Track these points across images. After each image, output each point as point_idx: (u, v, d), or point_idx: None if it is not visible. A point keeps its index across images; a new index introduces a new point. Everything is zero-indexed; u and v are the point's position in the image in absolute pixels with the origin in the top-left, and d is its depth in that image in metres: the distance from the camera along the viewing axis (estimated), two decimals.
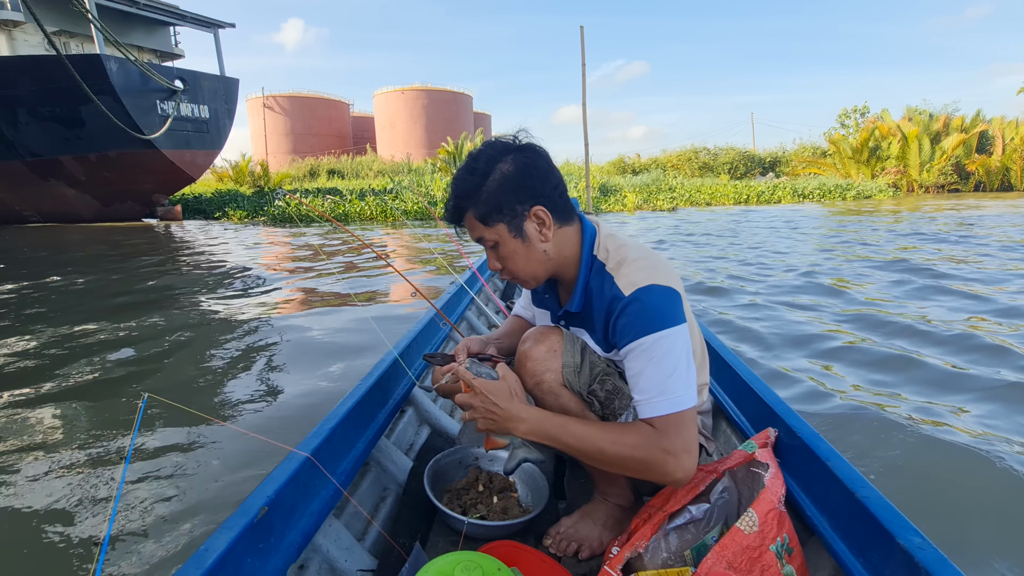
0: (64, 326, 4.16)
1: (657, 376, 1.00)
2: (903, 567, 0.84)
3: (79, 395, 2.82)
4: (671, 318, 1.02)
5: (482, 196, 1.07)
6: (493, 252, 1.13)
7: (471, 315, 2.96)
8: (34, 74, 12.40)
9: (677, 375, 1.00)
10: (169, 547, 1.63)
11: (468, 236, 1.15)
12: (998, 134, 23.80)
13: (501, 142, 1.12)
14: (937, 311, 4.03)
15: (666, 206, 17.19)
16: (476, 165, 1.09)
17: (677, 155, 35.38)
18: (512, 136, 1.13)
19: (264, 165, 23.60)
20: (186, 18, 16.23)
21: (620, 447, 1.00)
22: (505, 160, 1.08)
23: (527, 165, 1.09)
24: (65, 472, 2.07)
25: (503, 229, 1.08)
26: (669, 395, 0.99)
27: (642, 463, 0.99)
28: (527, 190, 1.08)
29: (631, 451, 0.99)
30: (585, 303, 1.16)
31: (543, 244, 1.11)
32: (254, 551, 0.90)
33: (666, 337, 1.00)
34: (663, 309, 1.03)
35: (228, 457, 2.16)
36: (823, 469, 1.08)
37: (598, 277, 1.12)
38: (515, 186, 1.07)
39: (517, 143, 1.12)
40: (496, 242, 1.10)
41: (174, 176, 15.05)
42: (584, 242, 1.15)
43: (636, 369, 1.03)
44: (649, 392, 1.00)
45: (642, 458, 0.99)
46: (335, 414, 1.26)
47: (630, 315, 1.03)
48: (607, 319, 1.10)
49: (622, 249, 1.12)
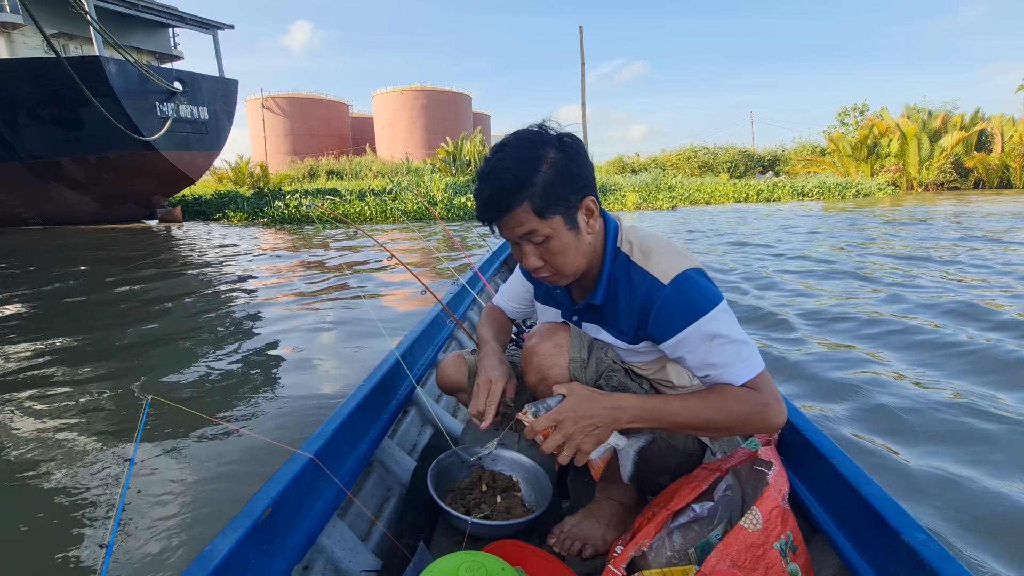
0: (66, 329, 4.16)
1: (728, 350, 1.02)
2: (908, 564, 0.84)
3: (82, 398, 2.82)
4: (715, 296, 1.04)
5: (538, 186, 1.00)
6: (538, 248, 1.05)
7: (473, 315, 2.96)
8: (33, 76, 12.39)
9: (746, 344, 1.03)
10: (174, 548, 1.63)
11: (503, 234, 1.06)
12: (997, 132, 23.79)
13: (537, 131, 1.05)
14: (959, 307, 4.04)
15: (666, 205, 17.19)
16: (524, 154, 1.01)
17: (677, 154, 35.40)
18: (537, 126, 1.06)
19: (263, 166, 23.59)
20: (185, 20, 16.21)
21: (725, 413, 1.02)
22: (549, 148, 1.03)
23: (578, 154, 1.04)
24: (70, 475, 2.07)
25: (559, 222, 1.03)
26: (747, 362, 1.02)
27: (746, 422, 1.03)
28: (580, 179, 1.04)
29: (737, 413, 1.02)
30: (609, 295, 1.14)
31: (589, 236, 1.09)
32: (258, 552, 0.90)
33: (715, 317, 1.02)
34: (706, 289, 1.04)
35: (232, 458, 2.17)
36: (827, 466, 1.08)
37: (623, 268, 1.11)
38: (571, 175, 1.02)
39: (551, 131, 1.05)
40: (548, 236, 1.03)
41: (174, 178, 15.04)
42: (608, 234, 1.13)
43: (701, 354, 1.03)
44: (727, 366, 1.02)
45: (746, 418, 1.02)
46: (338, 415, 1.26)
47: (676, 303, 1.04)
48: (643, 309, 1.08)
49: (646, 240, 1.12)
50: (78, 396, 2.84)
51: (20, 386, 2.99)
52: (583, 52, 18.13)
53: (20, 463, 2.17)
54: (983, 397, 2.50)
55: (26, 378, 3.13)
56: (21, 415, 2.62)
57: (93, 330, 4.09)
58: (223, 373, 3.17)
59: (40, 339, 3.90)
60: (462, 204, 13.95)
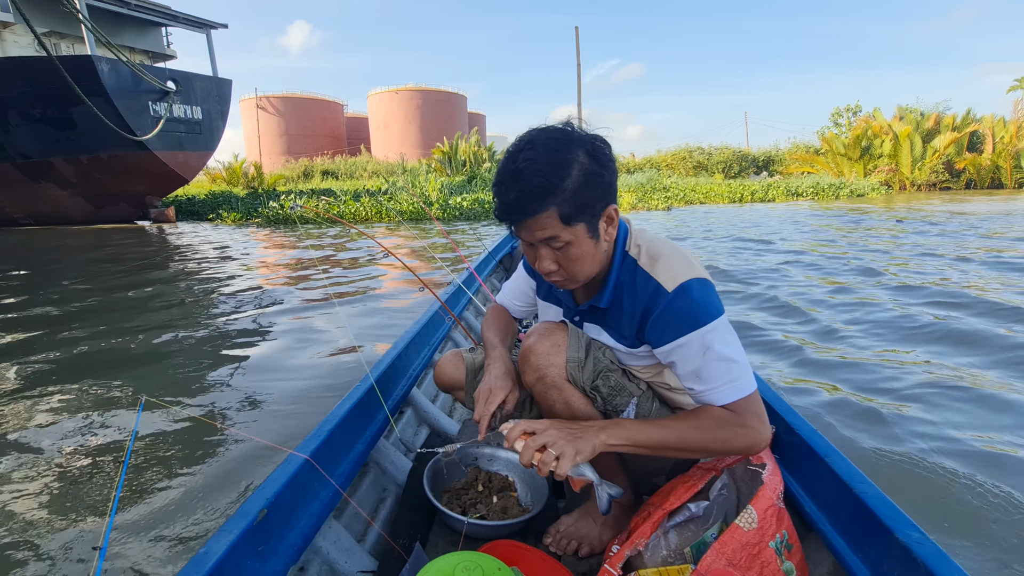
0: (59, 330, 4.13)
1: (719, 368, 1.01)
2: (902, 562, 0.85)
3: (76, 399, 2.80)
4: (716, 309, 1.03)
5: (568, 193, 0.95)
6: (555, 252, 1.02)
7: (469, 315, 2.96)
8: (24, 75, 12.28)
9: (738, 364, 1.01)
10: (169, 550, 1.62)
11: (521, 235, 1.02)
12: (988, 132, 24.01)
13: (569, 130, 1.01)
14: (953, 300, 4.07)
15: (661, 205, 17.23)
16: (555, 157, 0.96)
17: (672, 155, 35.48)
18: (564, 125, 1.02)
19: (258, 166, 23.49)
20: (178, 19, 16.12)
21: (700, 432, 1.01)
22: (580, 151, 0.97)
23: (609, 160, 1.01)
24: (63, 476, 2.05)
25: (582, 230, 0.99)
26: (735, 383, 1.01)
27: (726, 443, 1.02)
28: (608, 187, 1.01)
29: (714, 433, 1.00)
30: (614, 299, 1.13)
31: (606, 244, 1.07)
32: (254, 554, 0.90)
33: (714, 330, 1.01)
34: (709, 301, 1.03)
35: (227, 459, 2.15)
36: (821, 465, 1.09)
37: (629, 272, 1.10)
38: (600, 182, 0.99)
39: (581, 132, 1.01)
40: (569, 243, 1.00)
41: (167, 178, 14.93)
42: (618, 237, 1.12)
43: (693, 364, 1.02)
44: (714, 383, 1.01)
45: (725, 439, 1.01)
46: (334, 415, 1.26)
47: (674, 313, 1.03)
48: (645, 314, 1.08)
49: (654, 244, 1.11)
50: (71, 397, 2.81)
51: (11, 387, 2.97)
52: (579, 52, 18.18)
53: (12, 464, 2.15)
54: (983, 397, 2.52)
55: (17, 379, 3.10)
56: (13, 416, 2.60)
57: (85, 331, 4.06)
58: (217, 374, 3.15)
59: (32, 340, 3.86)
60: (458, 204, 13.93)
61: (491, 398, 1.19)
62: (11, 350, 3.65)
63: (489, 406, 1.17)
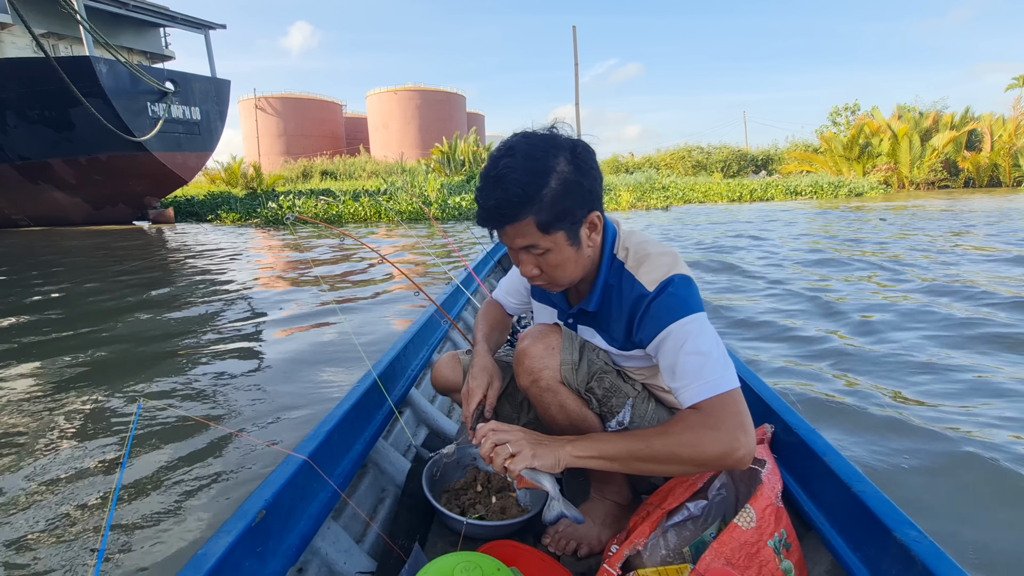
0: (57, 331, 4.12)
1: (692, 362, 0.97)
2: (900, 561, 0.85)
3: (74, 400, 2.80)
4: (694, 305, 1.02)
5: (545, 201, 0.95)
6: (537, 259, 1.03)
7: (467, 315, 2.96)
8: (22, 77, 12.27)
9: (713, 358, 0.96)
10: (167, 552, 1.62)
11: (503, 240, 1.04)
12: (987, 131, 24.06)
13: (549, 136, 1.00)
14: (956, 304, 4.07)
15: (660, 204, 17.25)
16: (534, 164, 0.96)
17: (671, 154, 35.53)
18: (548, 129, 1.02)
19: (256, 167, 23.47)
20: (176, 19, 16.10)
21: (668, 437, 0.94)
22: (560, 159, 0.97)
23: (590, 167, 1.00)
24: (61, 477, 2.05)
25: (561, 237, 0.99)
26: (707, 379, 0.95)
27: (694, 448, 0.92)
28: (589, 195, 1.00)
29: (679, 437, 0.93)
30: (603, 302, 1.14)
31: (590, 250, 1.06)
32: (252, 554, 0.90)
33: (692, 322, 1.00)
34: (685, 297, 1.03)
35: (225, 461, 2.15)
36: (820, 464, 1.09)
37: (616, 275, 1.11)
38: (580, 191, 0.98)
39: (563, 138, 1.01)
40: (548, 250, 1.00)
41: (165, 178, 14.93)
42: (606, 241, 1.12)
43: (670, 359, 1.00)
44: (687, 379, 0.97)
45: (692, 442, 0.92)
46: (332, 416, 1.26)
47: (655, 308, 1.03)
48: (631, 317, 1.08)
49: (642, 246, 1.11)
50: (68, 398, 2.81)
51: (9, 388, 2.96)
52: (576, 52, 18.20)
53: (8, 465, 2.15)
54: (983, 393, 2.52)
55: (16, 380, 3.10)
56: (9, 417, 2.60)
57: (83, 332, 4.06)
58: (215, 375, 3.15)
59: (29, 342, 3.86)
60: (456, 204, 13.94)
61: (469, 399, 1.22)
62: (8, 352, 3.65)
63: (468, 407, 1.22)
